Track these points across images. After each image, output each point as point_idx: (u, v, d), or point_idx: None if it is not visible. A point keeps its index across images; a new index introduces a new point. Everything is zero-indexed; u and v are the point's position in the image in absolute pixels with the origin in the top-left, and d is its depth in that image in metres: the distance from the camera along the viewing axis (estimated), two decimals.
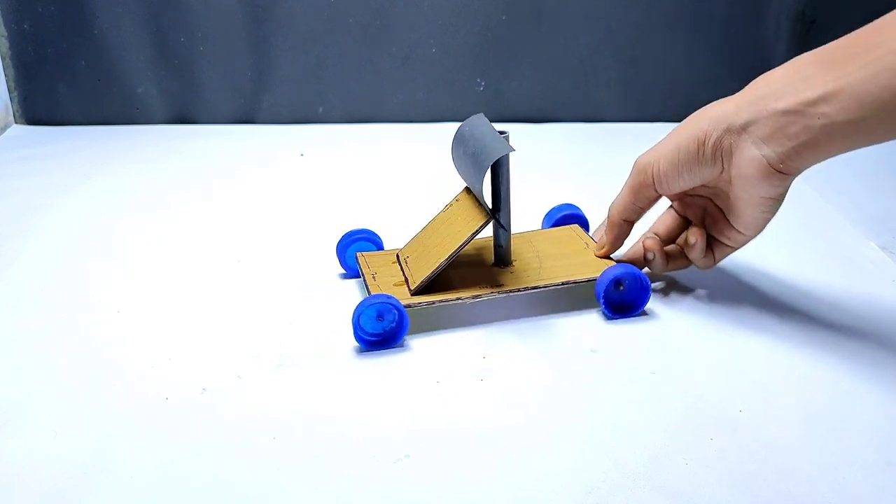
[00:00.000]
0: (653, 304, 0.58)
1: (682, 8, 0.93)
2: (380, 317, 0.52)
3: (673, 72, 0.96)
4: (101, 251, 0.67)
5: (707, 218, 0.56)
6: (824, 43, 0.47)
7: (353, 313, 0.51)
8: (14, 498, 0.40)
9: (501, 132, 0.53)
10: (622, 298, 0.56)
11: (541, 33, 0.95)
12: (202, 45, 0.95)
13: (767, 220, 0.52)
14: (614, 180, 0.81)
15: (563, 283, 0.55)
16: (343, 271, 0.62)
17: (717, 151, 0.50)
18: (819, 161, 0.47)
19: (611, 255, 0.59)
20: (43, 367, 0.51)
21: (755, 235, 0.54)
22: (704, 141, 0.50)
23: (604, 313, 0.55)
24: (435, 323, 0.55)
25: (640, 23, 0.94)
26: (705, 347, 0.53)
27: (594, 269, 0.57)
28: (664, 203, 0.58)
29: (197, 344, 0.53)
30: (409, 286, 0.55)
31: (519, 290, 0.54)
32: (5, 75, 0.96)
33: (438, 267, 0.53)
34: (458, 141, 0.55)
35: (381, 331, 0.52)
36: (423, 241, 0.57)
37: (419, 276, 0.54)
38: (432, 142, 0.92)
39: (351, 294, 0.60)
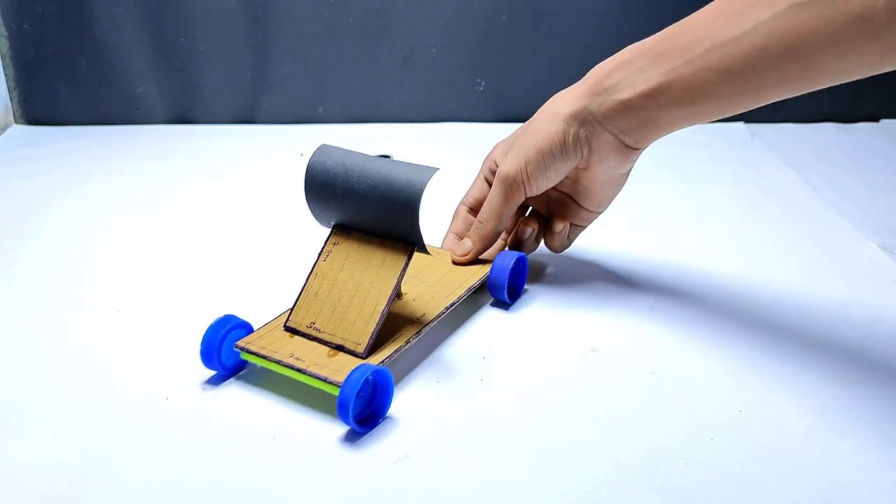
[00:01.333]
0: (653, 303, 0.57)
1: (682, 8, 0.93)
2: (360, 394, 0.44)
3: None
4: (101, 251, 0.67)
5: (553, 204, 0.61)
6: None
7: (339, 407, 0.42)
8: (14, 498, 0.40)
9: (383, 155, 0.51)
10: (512, 282, 0.58)
11: (541, 33, 0.95)
12: (202, 45, 0.95)
13: (615, 196, 0.59)
14: None
15: (467, 291, 0.55)
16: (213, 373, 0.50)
17: (577, 144, 0.54)
18: (665, 135, 0.52)
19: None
20: (43, 367, 0.51)
21: (603, 211, 0.60)
22: (564, 139, 0.54)
23: (505, 302, 0.57)
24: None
25: (639, 23, 0.94)
26: (705, 347, 0.53)
27: (477, 269, 0.58)
28: (471, 176, 0.63)
29: (197, 344, 0.53)
30: (348, 351, 0.47)
31: (441, 315, 0.51)
32: (5, 75, 0.96)
33: (381, 317, 0.47)
34: (324, 179, 0.48)
35: (364, 408, 0.45)
36: (322, 300, 0.49)
37: (362, 336, 0.47)
38: (432, 142, 0.92)
39: None
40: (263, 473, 0.42)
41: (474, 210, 0.62)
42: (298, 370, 0.45)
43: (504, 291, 0.56)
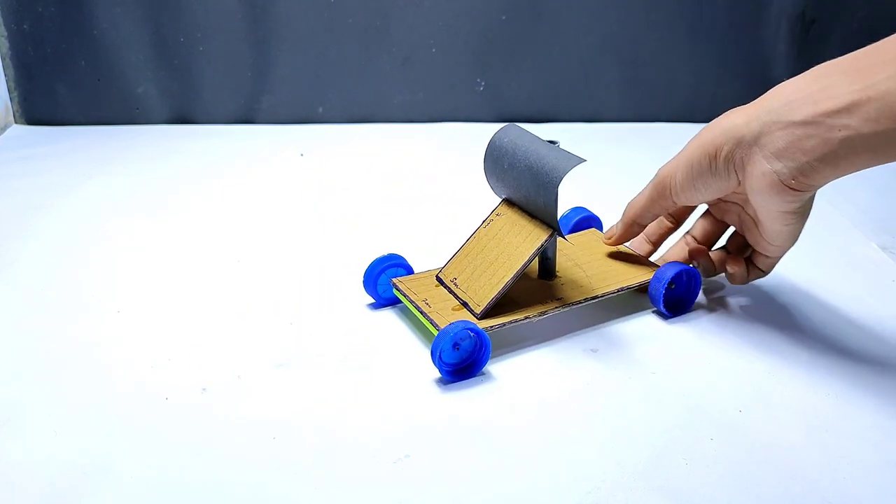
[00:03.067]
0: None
1: (682, 8, 0.93)
2: (456, 346, 0.49)
3: (673, 72, 0.96)
4: (100, 251, 0.67)
5: (743, 225, 0.55)
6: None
7: (433, 346, 0.48)
8: (14, 498, 0.40)
9: (551, 142, 0.51)
10: (674, 296, 0.56)
11: (541, 33, 0.95)
12: (202, 45, 0.95)
13: (794, 232, 0.50)
14: (614, 180, 0.81)
15: (619, 290, 0.54)
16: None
17: (730, 164, 0.48)
18: (835, 178, 0.44)
19: (650, 257, 0.59)
20: (43, 367, 0.51)
21: (788, 246, 0.52)
22: (716, 154, 0.48)
23: (663, 314, 0.55)
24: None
25: (640, 23, 0.94)
26: (705, 347, 0.53)
27: (643, 272, 0.56)
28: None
29: (197, 344, 0.53)
30: (470, 310, 0.51)
31: (580, 302, 0.53)
32: (5, 75, 0.96)
33: (505, 286, 0.50)
34: (497, 154, 0.52)
35: (458, 360, 0.49)
36: (469, 260, 0.54)
37: (483, 299, 0.51)
38: (432, 142, 0.92)
39: (351, 294, 0.60)
40: (263, 473, 0.42)
41: (672, 215, 0.60)
42: (420, 311, 0.51)
43: (660, 302, 0.54)
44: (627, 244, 0.60)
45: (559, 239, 0.60)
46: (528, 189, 0.51)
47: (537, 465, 0.42)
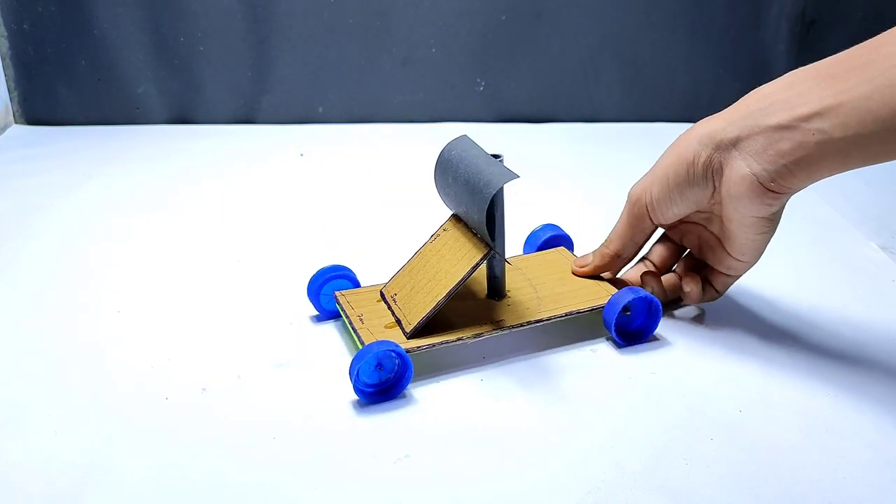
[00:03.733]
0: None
1: (682, 8, 0.93)
2: (380, 365, 0.47)
3: (673, 72, 0.96)
4: (100, 251, 0.67)
5: (703, 246, 0.54)
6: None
7: (351, 365, 0.46)
8: (14, 498, 0.40)
9: (495, 155, 0.49)
10: (630, 324, 0.53)
11: (541, 33, 0.95)
12: (202, 45, 0.95)
13: (764, 243, 0.50)
14: (614, 181, 0.81)
15: (566, 314, 0.52)
16: (316, 313, 0.56)
17: (708, 170, 0.48)
18: (812, 181, 0.45)
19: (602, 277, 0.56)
20: (43, 367, 0.51)
21: (753, 261, 0.52)
22: (694, 161, 0.48)
23: (615, 342, 0.53)
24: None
25: (640, 23, 0.94)
26: (706, 347, 0.53)
27: (597, 295, 0.53)
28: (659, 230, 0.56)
29: (197, 344, 0.53)
30: (402, 329, 0.50)
31: (522, 326, 0.51)
32: (5, 75, 0.96)
33: (436, 306, 0.49)
34: (444, 167, 0.50)
35: (380, 381, 0.47)
36: (411, 277, 0.52)
37: (414, 318, 0.49)
38: (432, 142, 0.92)
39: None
40: (263, 473, 0.42)
41: (671, 239, 0.57)
42: (352, 326, 0.50)
43: (611, 328, 0.51)
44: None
45: (524, 257, 0.59)
46: (466, 204, 0.49)
47: (537, 465, 0.42)
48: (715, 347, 0.53)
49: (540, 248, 0.61)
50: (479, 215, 0.47)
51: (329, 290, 0.55)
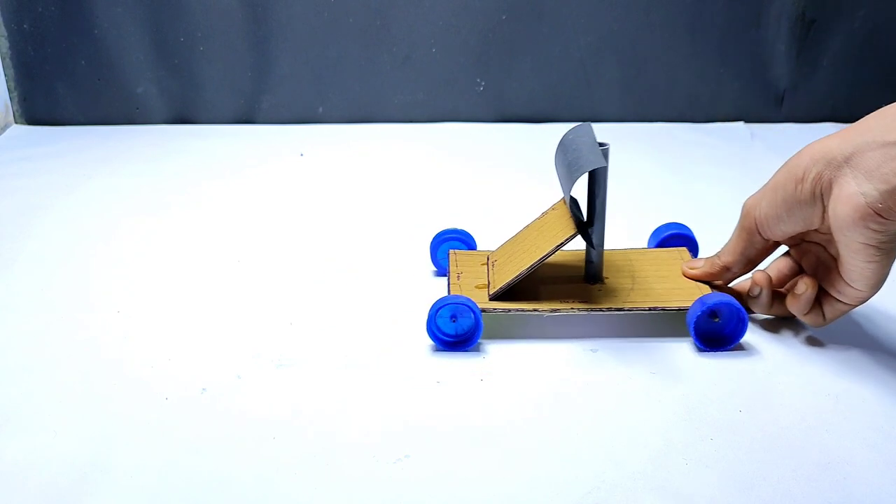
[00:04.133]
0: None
1: (682, 8, 0.93)
2: (454, 317, 0.52)
3: (673, 72, 0.96)
4: (100, 251, 0.67)
5: (819, 267, 0.51)
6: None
7: (429, 311, 0.51)
8: (14, 498, 0.40)
9: (601, 144, 0.51)
10: (716, 330, 0.52)
11: (541, 33, 0.95)
12: (202, 45, 0.95)
13: (877, 273, 0.46)
14: (614, 181, 0.81)
15: (650, 309, 0.52)
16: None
17: (816, 188, 0.45)
18: None
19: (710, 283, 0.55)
20: (43, 367, 0.51)
21: (866, 291, 0.48)
22: (803, 177, 0.46)
23: (695, 345, 0.52)
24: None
25: (640, 23, 0.94)
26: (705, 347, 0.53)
27: (688, 296, 0.53)
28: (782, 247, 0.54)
29: (197, 344, 0.53)
30: (489, 290, 0.54)
31: (601, 310, 0.52)
32: (5, 75, 0.96)
33: (518, 275, 0.52)
34: (560, 149, 0.53)
35: (454, 332, 0.52)
36: (512, 247, 0.56)
37: (499, 282, 0.53)
38: (432, 142, 0.92)
39: (351, 292, 0.60)
40: (263, 473, 0.42)
41: (792, 257, 0.54)
42: (448, 281, 0.56)
43: (691, 329, 0.51)
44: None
45: (640, 250, 0.60)
46: (564, 186, 0.53)
47: (537, 465, 0.42)
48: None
49: (660, 245, 0.61)
50: (568, 197, 0.51)
51: (444, 249, 0.61)
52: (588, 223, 0.53)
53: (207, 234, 0.70)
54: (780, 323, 0.55)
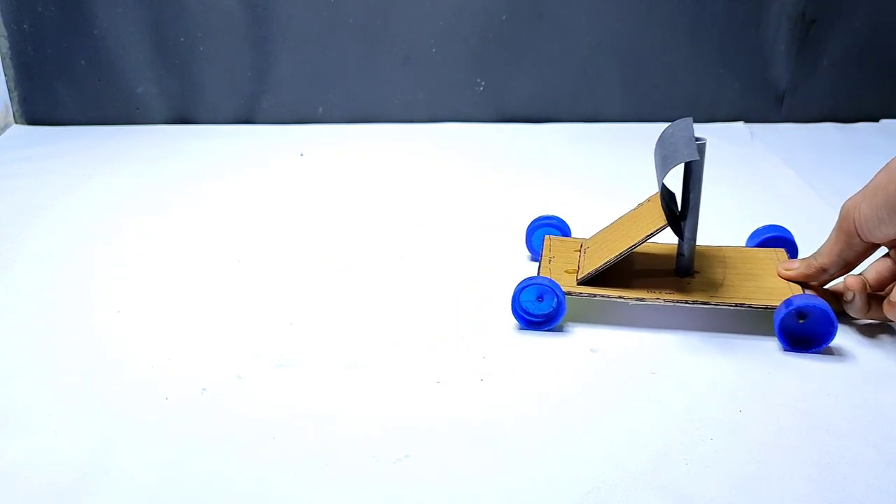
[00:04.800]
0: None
1: (682, 8, 0.93)
2: (540, 297, 0.54)
3: (673, 72, 0.96)
4: (100, 251, 0.67)
5: None
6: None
7: (514, 290, 0.53)
8: (14, 498, 0.40)
9: (698, 139, 0.51)
10: (803, 331, 0.51)
11: (541, 33, 0.95)
12: (202, 45, 0.95)
13: None
14: (615, 181, 0.81)
15: (736, 305, 0.52)
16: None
17: None
18: None
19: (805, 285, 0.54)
20: (43, 367, 0.51)
21: None
22: None
23: (780, 345, 0.52)
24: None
25: (640, 23, 0.94)
26: (705, 347, 0.53)
27: (777, 295, 0.53)
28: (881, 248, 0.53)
29: (197, 344, 0.53)
30: (577, 275, 0.56)
31: (687, 303, 0.53)
32: (5, 75, 0.96)
33: (607, 262, 0.54)
34: (659, 142, 0.54)
35: (539, 312, 0.54)
36: (605, 235, 0.58)
37: (588, 268, 0.55)
38: (432, 142, 0.92)
39: (351, 291, 0.60)
40: (263, 473, 0.42)
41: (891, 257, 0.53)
42: (539, 264, 0.58)
43: (776, 329, 0.51)
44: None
45: (736, 248, 0.60)
46: (659, 178, 0.53)
47: (537, 465, 0.42)
48: (714, 347, 0.53)
49: (759, 245, 0.61)
50: (661, 188, 0.52)
51: (540, 235, 0.63)
52: (681, 216, 0.54)
53: (207, 235, 0.70)
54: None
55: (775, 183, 0.80)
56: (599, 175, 0.83)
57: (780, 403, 0.47)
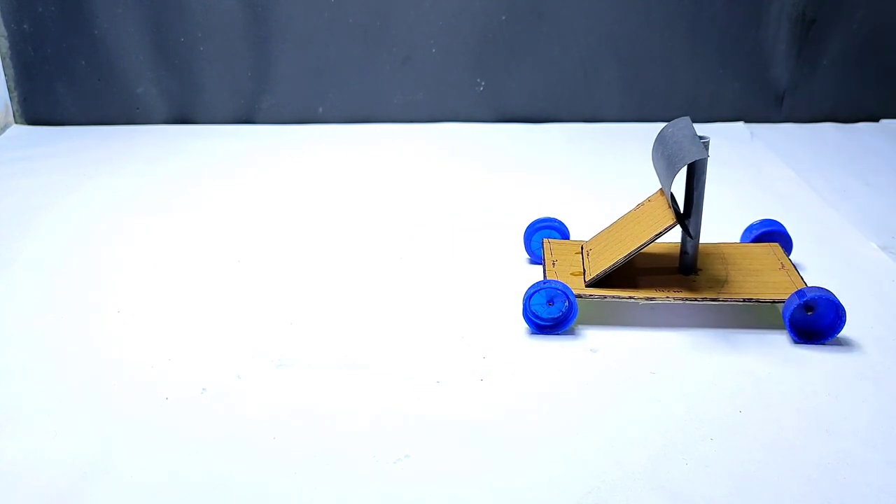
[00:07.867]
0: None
1: (682, 8, 0.93)
2: (551, 301, 0.53)
3: (673, 72, 0.96)
4: (100, 251, 0.67)
5: None
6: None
7: (524, 295, 0.53)
8: (14, 498, 0.40)
9: (702, 137, 0.52)
10: (811, 323, 0.52)
11: (541, 33, 0.95)
12: (202, 45, 0.95)
13: None
14: (614, 180, 0.81)
15: (744, 300, 0.53)
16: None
17: None
18: None
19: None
20: (43, 367, 0.51)
21: None
22: None
23: (790, 337, 0.53)
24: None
25: (640, 23, 0.94)
26: (705, 347, 0.53)
27: (782, 289, 0.54)
28: None
29: (197, 344, 0.53)
30: (584, 277, 0.55)
31: (696, 300, 0.53)
32: (5, 75, 0.96)
33: (615, 263, 0.54)
34: (659, 142, 0.55)
35: (549, 316, 0.54)
36: (608, 237, 0.58)
37: (596, 269, 0.55)
38: (432, 142, 0.92)
39: (350, 292, 0.60)
40: (263, 473, 0.42)
41: None
42: (544, 268, 0.58)
43: (786, 321, 0.52)
44: None
45: (734, 244, 0.60)
46: (664, 178, 0.53)
47: (537, 464, 0.42)
48: (714, 347, 0.53)
49: (755, 240, 0.62)
50: (668, 187, 0.52)
51: (539, 238, 0.62)
52: (685, 214, 0.55)
53: (207, 234, 0.70)
54: (780, 324, 0.55)
55: (775, 183, 0.80)
56: (599, 174, 0.83)
57: (779, 403, 0.47)
